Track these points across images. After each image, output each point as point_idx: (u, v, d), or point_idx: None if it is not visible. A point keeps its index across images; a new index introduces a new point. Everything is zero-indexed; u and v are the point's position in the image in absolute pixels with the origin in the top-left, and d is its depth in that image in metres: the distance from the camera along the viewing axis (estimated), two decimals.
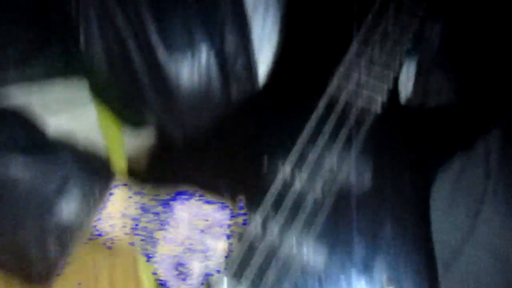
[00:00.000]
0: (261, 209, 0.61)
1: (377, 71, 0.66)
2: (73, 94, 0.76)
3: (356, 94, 0.65)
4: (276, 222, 0.61)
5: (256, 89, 0.69)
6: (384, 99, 0.65)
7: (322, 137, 0.64)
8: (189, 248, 0.62)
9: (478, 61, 0.69)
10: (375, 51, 0.66)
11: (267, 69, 0.70)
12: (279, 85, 0.69)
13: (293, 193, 0.62)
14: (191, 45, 0.67)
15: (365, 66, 0.66)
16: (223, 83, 0.68)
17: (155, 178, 0.66)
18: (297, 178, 0.63)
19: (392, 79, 0.65)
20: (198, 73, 0.67)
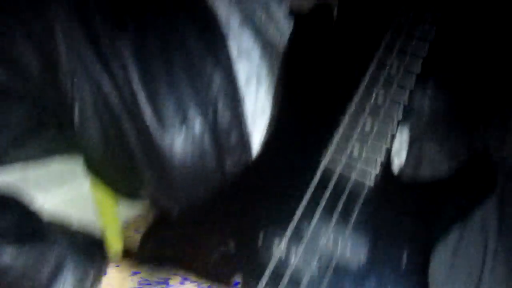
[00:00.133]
0: None
1: (369, 143, 0.66)
2: (67, 168, 0.76)
3: (349, 166, 0.65)
4: None
5: (250, 160, 0.69)
6: (377, 171, 0.65)
7: (317, 211, 0.64)
8: None
9: (469, 131, 0.69)
10: (367, 123, 0.66)
11: (261, 140, 0.70)
12: (273, 157, 0.70)
13: (289, 270, 0.61)
14: (184, 121, 0.67)
15: (357, 138, 0.66)
16: (217, 156, 0.68)
17: (149, 258, 0.66)
18: (293, 254, 0.62)
19: (384, 151, 0.66)
20: (191, 148, 0.68)
